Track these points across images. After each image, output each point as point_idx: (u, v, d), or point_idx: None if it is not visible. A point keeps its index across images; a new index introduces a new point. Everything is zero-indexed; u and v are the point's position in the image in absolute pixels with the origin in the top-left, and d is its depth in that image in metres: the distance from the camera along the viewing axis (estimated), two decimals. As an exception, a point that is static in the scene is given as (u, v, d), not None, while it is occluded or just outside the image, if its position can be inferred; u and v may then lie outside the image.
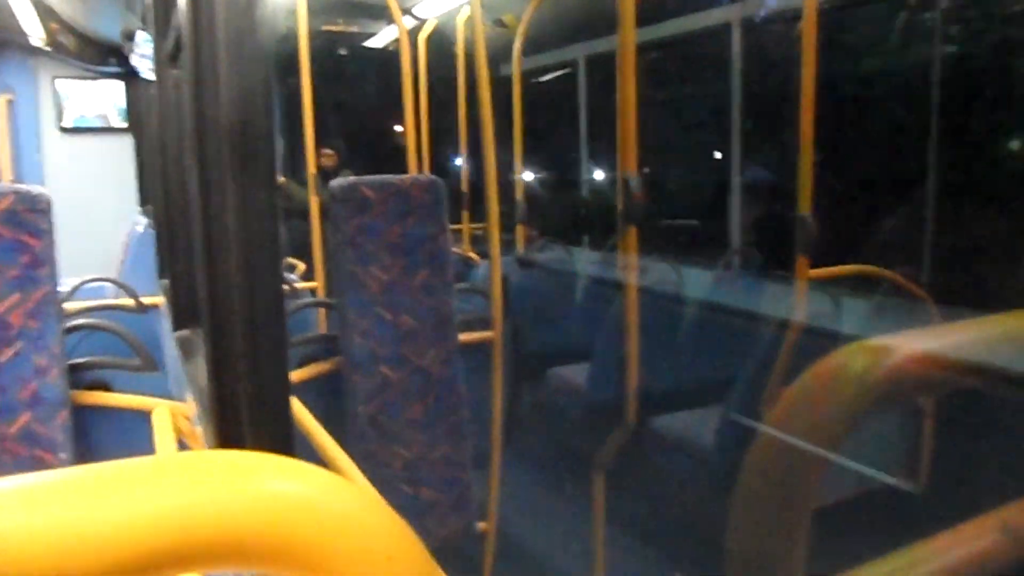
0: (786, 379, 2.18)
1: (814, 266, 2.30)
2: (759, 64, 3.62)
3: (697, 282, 3.40)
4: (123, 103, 5.79)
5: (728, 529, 0.40)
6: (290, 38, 3.19)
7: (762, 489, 0.38)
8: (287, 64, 3.58)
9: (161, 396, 1.85)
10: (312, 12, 3.22)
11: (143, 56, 3.89)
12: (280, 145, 5.32)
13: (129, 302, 2.63)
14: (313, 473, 0.29)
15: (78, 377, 1.88)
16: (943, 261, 2.78)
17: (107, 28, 4.90)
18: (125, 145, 5.83)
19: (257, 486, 0.28)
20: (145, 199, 5.40)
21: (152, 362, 1.94)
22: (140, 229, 4.44)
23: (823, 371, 0.35)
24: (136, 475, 0.27)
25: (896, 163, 3.21)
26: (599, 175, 4.90)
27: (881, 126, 3.34)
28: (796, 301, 2.31)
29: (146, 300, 2.62)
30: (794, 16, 2.40)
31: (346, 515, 0.28)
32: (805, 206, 2.24)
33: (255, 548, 0.27)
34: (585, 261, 4.31)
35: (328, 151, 4.50)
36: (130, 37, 4.37)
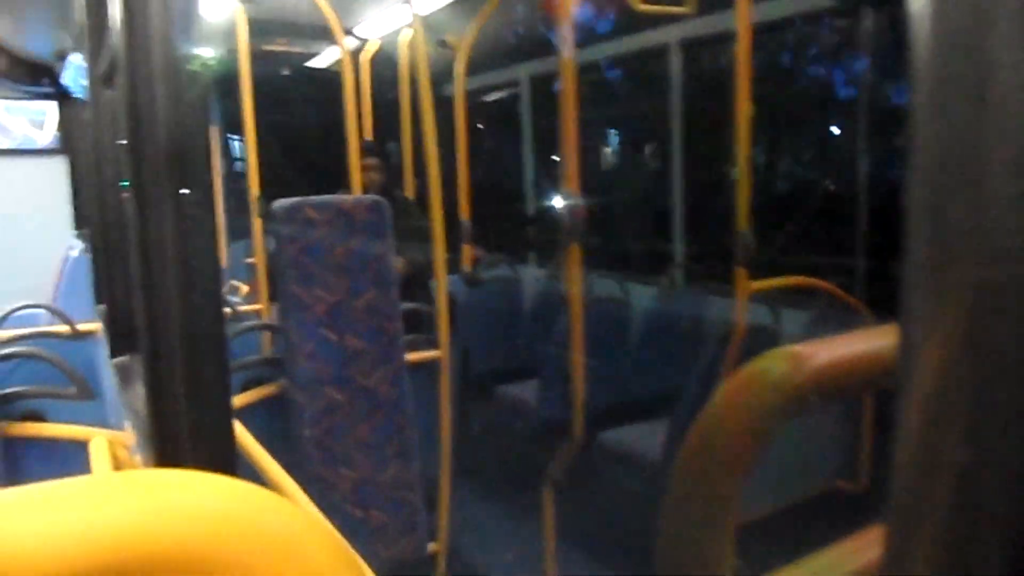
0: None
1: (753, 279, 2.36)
2: (698, 84, 3.72)
3: (641, 297, 3.46)
4: (55, 124, 5.63)
5: (657, 538, 0.41)
6: (230, 59, 3.16)
7: (686, 497, 0.39)
8: (228, 85, 3.53)
9: (99, 425, 1.79)
10: (253, 32, 3.20)
11: (77, 76, 3.80)
12: (222, 165, 5.24)
13: (64, 329, 2.54)
14: (246, 490, 0.30)
15: (10, 408, 1.81)
16: (877, 272, 2.89)
17: (39, 48, 4.77)
18: (58, 167, 5.66)
19: (189, 504, 0.28)
20: (80, 222, 5.25)
21: (88, 390, 1.88)
22: (75, 253, 4.31)
23: (744, 378, 0.37)
24: (67, 495, 0.27)
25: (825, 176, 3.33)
26: (544, 194, 4.95)
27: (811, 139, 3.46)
28: (736, 313, 2.37)
29: (82, 327, 2.54)
30: (731, 37, 2.47)
31: (279, 532, 0.29)
32: (743, 222, 2.31)
33: (187, 566, 0.27)
34: (531, 279, 4.34)
35: (372, 161, 3.40)
36: (63, 57, 4.26)
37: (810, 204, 3.36)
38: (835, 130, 3.33)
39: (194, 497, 0.28)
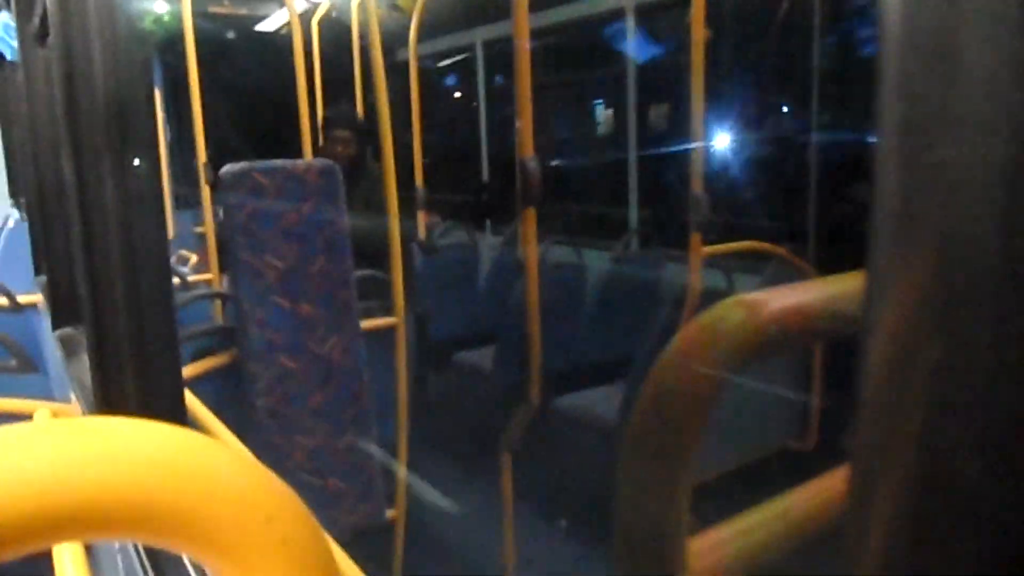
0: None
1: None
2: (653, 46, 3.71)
3: (596, 262, 3.48)
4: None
5: (615, 497, 0.41)
6: (172, 21, 3.05)
7: (641, 453, 0.39)
8: (171, 47, 3.41)
9: (42, 399, 1.74)
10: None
11: (7, 36, 3.63)
12: (167, 131, 5.08)
13: (2, 301, 2.46)
14: (184, 436, 0.29)
15: (-53, 382, 1.76)
16: (826, 235, 2.96)
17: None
18: (-11, 132, 5.42)
19: (132, 449, 0.27)
20: (15, 190, 5.05)
21: (30, 363, 1.83)
22: (12, 223, 4.16)
23: (698, 328, 0.37)
24: (5, 439, 0.26)
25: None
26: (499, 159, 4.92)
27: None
28: (691, 277, 2.40)
29: (22, 299, 2.47)
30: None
31: (219, 477, 0.28)
32: (697, 185, 2.33)
33: (124, 513, 0.26)
34: (487, 245, 4.33)
35: (342, 133, 3.02)
36: (-8, 16, 4.06)
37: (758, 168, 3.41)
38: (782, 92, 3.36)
39: (142, 442, 0.27)
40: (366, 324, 2.23)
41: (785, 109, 3.44)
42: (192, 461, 0.27)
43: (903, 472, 0.17)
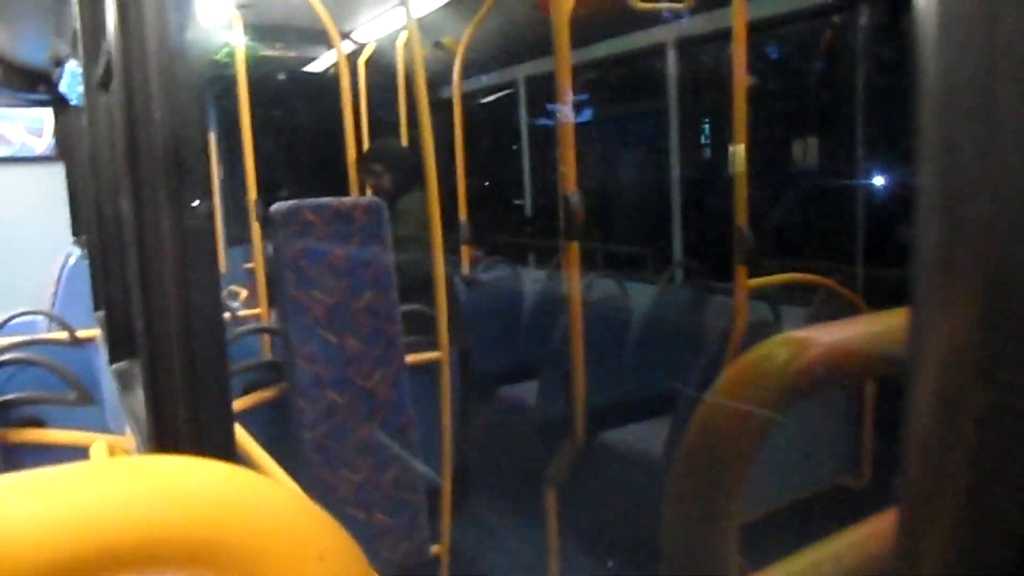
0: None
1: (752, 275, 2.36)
2: (694, 82, 3.72)
3: (641, 296, 3.45)
4: (52, 131, 5.63)
5: (661, 531, 0.41)
6: (227, 64, 3.16)
7: (689, 489, 0.39)
8: (226, 90, 3.52)
9: (99, 431, 1.79)
10: (251, 37, 3.20)
11: (73, 82, 3.80)
12: (220, 171, 5.24)
13: (63, 335, 2.54)
14: (239, 474, 0.29)
15: (9, 414, 1.81)
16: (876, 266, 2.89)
17: (34, 54, 4.76)
18: (55, 174, 5.65)
19: (187, 488, 0.28)
20: (78, 229, 5.24)
21: (88, 396, 1.88)
22: (73, 260, 4.31)
23: (746, 365, 0.37)
24: (64, 479, 0.27)
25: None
26: (543, 194, 4.95)
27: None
28: (736, 310, 2.36)
29: (81, 333, 2.54)
30: (726, 35, 2.47)
31: (273, 515, 0.28)
32: (741, 217, 2.30)
33: (181, 550, 0.27)
34: (530, 279, 4.34)
35: (377, 167, 3.02)
36: (59, 63, 4.26)
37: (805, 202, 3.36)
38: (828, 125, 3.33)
39: (196, 482, 0.28)
40: (410, 358, 2.24)
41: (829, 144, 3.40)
42: (246, 499, 0.28)
43: (952, 515, 0.17)
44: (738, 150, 2.27)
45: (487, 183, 5.60)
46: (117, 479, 0.27)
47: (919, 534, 0.18)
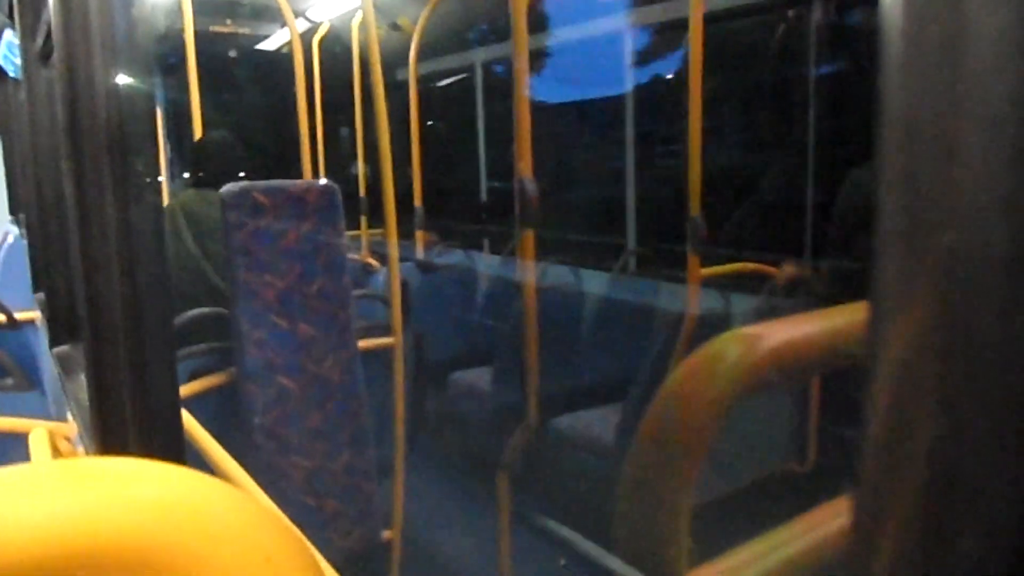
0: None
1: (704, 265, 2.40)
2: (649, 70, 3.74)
3: (594, 283, 3.48)
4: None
5: (615, 516, 0.41)
6: (172, 38, 3.07)
7: (644, 479, 0.39)
8: (174, 67, 3.42)
9: (39, 417, 1.73)
10: (199, 12, 3.11)
11: (10, 54, 3.65)
12: (167, 149, 5.10)
13: (0, 318, 2.45)
14: (194, 479, 0.29)
15: (-58, 400, 1.75)
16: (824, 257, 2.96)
17: (-31, 24, 4.55)
18: (-10, 150, 5.43)
19: (135, 493, 0.27)
20: (15, 207, 5.06)
21: (27, 381, 1.82)
22: (11, 239, 4.15)
23: (699, 361, 0.37)
24: (3, 483, 0.26)
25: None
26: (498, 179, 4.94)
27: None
28: (688, 299, 2.40)
29: (19, 315, 2.46)
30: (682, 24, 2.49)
31: (229, 520, 0.28)
32: (695, 208, 2.33)
33: (132, 557, 0.26)
34: (485, 265, 4.33)
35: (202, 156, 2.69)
36: (-5, 34, 4.08)
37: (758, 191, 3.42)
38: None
39: (140, 485, 0.27)
40: (363, 344, 2.22)
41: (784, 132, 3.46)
42: (192, 503, 0.27)
43: (909, 511, 0.17)
44: (692, 140, 2.30)
45: (442, 168, 5.56)
46: (62, 482, 0.26)
47: (874, 532, 0.18)
